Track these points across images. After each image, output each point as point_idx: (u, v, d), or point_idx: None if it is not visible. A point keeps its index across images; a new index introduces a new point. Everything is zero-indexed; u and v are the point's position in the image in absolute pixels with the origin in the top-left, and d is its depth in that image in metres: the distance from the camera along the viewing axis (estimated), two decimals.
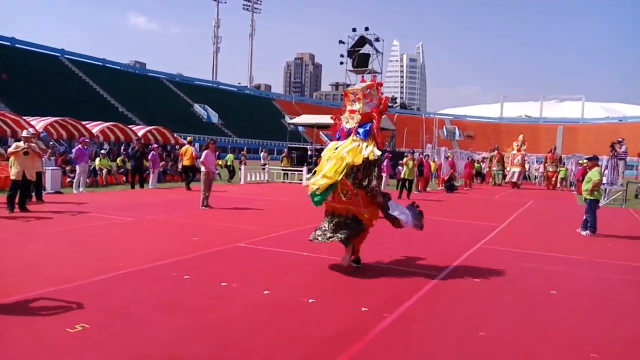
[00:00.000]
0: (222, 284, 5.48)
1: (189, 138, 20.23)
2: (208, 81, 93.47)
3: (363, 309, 4.85)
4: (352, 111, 6.47)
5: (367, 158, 6.15)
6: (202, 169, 12.58)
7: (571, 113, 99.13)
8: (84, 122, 28.02)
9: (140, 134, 28.73)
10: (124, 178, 19.29)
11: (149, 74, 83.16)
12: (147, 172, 18.31)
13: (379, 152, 6.27)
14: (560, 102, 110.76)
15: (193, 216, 10.84)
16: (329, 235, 6.37)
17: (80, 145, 16.00)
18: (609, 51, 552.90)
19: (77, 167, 15.50)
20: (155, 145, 19.60)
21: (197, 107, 76.26)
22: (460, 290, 5.84)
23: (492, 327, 4.54)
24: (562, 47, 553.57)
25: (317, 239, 6.44)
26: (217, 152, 24.74)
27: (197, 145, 29.91)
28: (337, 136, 6.65)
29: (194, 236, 8.29)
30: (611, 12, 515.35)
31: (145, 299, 4.89)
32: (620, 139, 21.56)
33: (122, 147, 27.27)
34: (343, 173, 6.08)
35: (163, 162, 21.17)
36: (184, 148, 18.94)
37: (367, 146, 6.24)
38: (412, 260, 7.24)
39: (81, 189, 15.31)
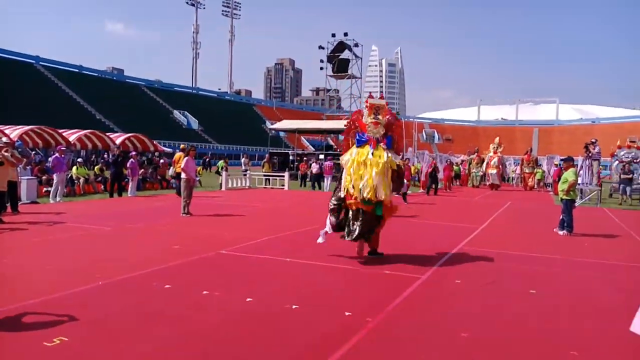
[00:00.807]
0: (204, 292, 5.43)
1: (182, 145, 20.25)
2: (188, 87, 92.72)
3: (347, 313, 4.86)
4: (376, 123, 7.44)
5: (396, 163, 7.40)
6: (183, 175, 12.47)
7: (546, 115, 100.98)
8: (60, 130, 27.52)
9: (118, 141, 28.36)
10: (102, 187, 19.01)
11: (127, 80, 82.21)
12: (126, 180, 18.08)
13: (397, 162, 7.52)
14: (535, 105, 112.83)
15: (174, 224, 10.74)
16: (355, 235, 7.30)
17: (57, 154, 15.72)
18: (581, 54, 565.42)
19: (55, 177, 15.23)
20: (134, 153, 19.37)
21: (177, 114, 75.57)
22: (443, 292, 5.90)
23: (474, 328, 4.59)
24: (535, 50, 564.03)
25: (346, 237, 7.38)
26: (208, 159, 24.72)
27: (177, 152, 29.71)
28: (359, 142, 7.52)
29: (174, 244, 8.21)
30: (584, 16, 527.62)
31: (126, 310, 4.82)
32: (593, 140, 22.05)
33: (100, 155, 26.90)
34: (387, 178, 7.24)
35: (142, 170, 20.93)
36: (177, 155, 18.72)
37: (390, 154, 7.38)
38: (395, 263, 7.28)
39: (58, 199, 15.04)
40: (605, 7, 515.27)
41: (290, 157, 33.60)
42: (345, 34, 51.71)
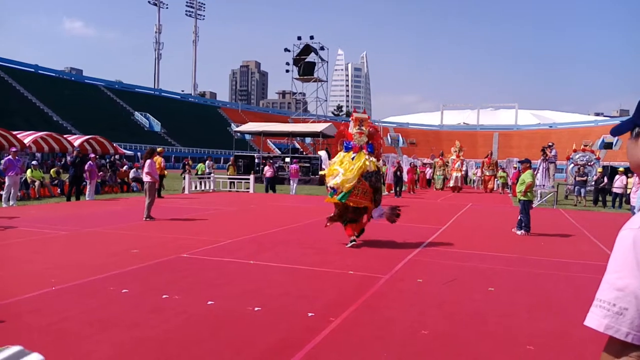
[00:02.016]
0: (163, 296, 5.31)
1: (159, 149, 20.22)
2: (149, 88, 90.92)
3: (309, 314, 4.85)
4: (361, 133, 8.90)
5: (375, 166, 8.73)
6: (147, 178, 12.17)
7: (506, 120, 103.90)
8: (14, 132, 26.54)
9: (76, 143, 27.56)
10: (59, 190, 18.38)
11: (86, 80, 79.96)
12: (84, 183, 17.53)
13: (379, 163, 9.14)
14: (495, 110, 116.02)
15: (134, 228, 10.48)
16: (331, 216, 8.96)
17: (9, 156, 15.11)
18: (539, 62, 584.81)
19: (7, 179, 14.63)
20: (93, 155, 18.82)
21: (138, 116, 73.99)
22: (404, 291, 5.96)
23: (434, 325, 4.66)
24: (495, 58, 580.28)
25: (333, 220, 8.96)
26: (189, 163, 24.45)
27: (139, 154, 29.07)
28: (346, 149, 8.99)
29: (134, 248, 8.01)
30: (541, 27, 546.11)
31: (80, 315, 4.66)
32: (550, 144, 22.82)
33: (57, 158, 26.04)
34: (357, 176, 8.48)
35: (101, 173, 20.37)
36: (156, 158, 18.48)
37: (372, 159, 8.80)
38: (358, 264, 7.32)
39: (11, 203, 14.45)
40: (561, 21, 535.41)
41: (256, 160, 33.40)
42: (312, 37, 51.75)
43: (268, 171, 23.76)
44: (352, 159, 8.69)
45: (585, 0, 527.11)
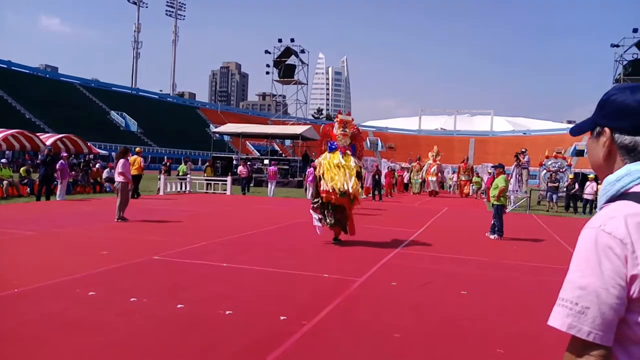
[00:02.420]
0: (132, 299, 5.18)
1: (137, 149, 20.41)
2: (127, 88, 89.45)
3: (282, 317, 4.78)
4: (344, 134, 9.41)
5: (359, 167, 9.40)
6: (120, 178, 11.91)
7: (481, 126, 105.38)
8: None
9: (49, 142, 26.92)
10: (28, 190, 17.88)
11: (62, 78, 78.25)
12: (55, 183, 17.10)
13: (360, 163, 9.57)
14: (472, 117, 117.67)
15: (105, 229, 10.25)
16: (332, 223, 9.29)
17: None
18: (515, 70, 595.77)
19: None
20: (65, 154, 18.39)
21: (115, 115, 72.71)
22: (378, 294, 5.94)
23: (406, 329, 4.64)
24: (472, 65, 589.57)
25: (325, 223, 9.32)
26: (169, 163, 24.25)
27: (113, 154, 28.54)
28: (330, 149, 9.43)
29: (103, 250, 7.81)
30: (515, 31, 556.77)
31: (44, 319, 4.51)
32: (523, 150, 23.19)
33: (28, 157, 25.41)
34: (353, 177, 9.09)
35: (73, 172, 19.91)
36: (132, 158, 18.46)
37: (355, 160, 9.33)
38: (332, 267, 7.28)
39: None
40: (536, 30, 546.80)
41: (234, 162, 33.14)
42: (292, 40, 51.78)
43: (242, 171, 23.49)
44: (343, 160, 9.23)
45: (560, 11, 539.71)
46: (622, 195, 1.18)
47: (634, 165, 1.19)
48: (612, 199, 1.20)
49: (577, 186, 20.88)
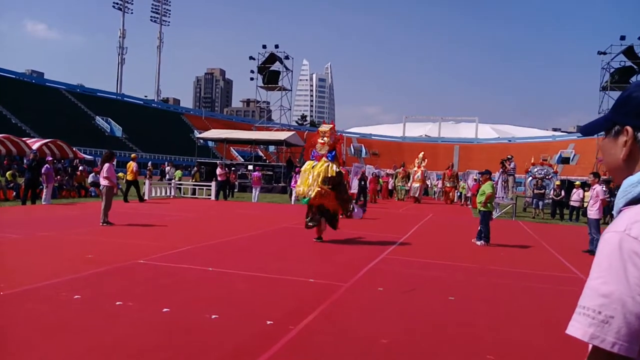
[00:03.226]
0: (117, 302, 5.10)
1: (133, 155, 20.69)
2: (112, 93, 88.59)
3: (268, 322, 4.75)
4: (322, 143, 10.35)
5: (336, 171, 10.20)
6: (105, 182, 11.77)
7: (466, 133, 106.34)
8: None
9: (35, 147, 26.49)
10: (14, 194, 17.59)
11: (47, 84, 77.25)
12: (41, 187, 16.86)
13: (337, 169, 10.28)
14: (456, 124, 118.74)
15: (90, 233, 10.10)
16: (312, 223, 10.30)
17: None
18: (499, 78, 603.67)
19: None
20: (50, 159, 18.15)
21: (100, 120, 71.97)
22: (365, 300, 5.93)
23: (393, 335, 4.64)
24: (457, 72, 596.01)
25: (310, 224, 10.33)
26: (150, 169, 24.30)
27: (98, 159, 28.26)
28: (312, 157, 10.49)
29: (88, 253, 7.70)
30: (498, 40, 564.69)
31: (29, 322, 4.42)
32: (509, 157, 23.44)
33: (14, 161, 24.98)
34: (319, 182, 9.95)
35: (58, 177, 19.64)
36: (128, 163, 19.67)
37: (332, 165, 10.22)
38: (319, 272, 7.26)
39: None
40: (520, 39, 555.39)
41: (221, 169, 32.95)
42: (277, 46, 51.74)
43: (219, 173, 23.06)
44: (313, 167, 10.23)
45: (546, 19, 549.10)
46: None
47: None
48: (633, 201, 1.13)
49: (563, 193, 21.14)
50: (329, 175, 10.04)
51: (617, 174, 1.22)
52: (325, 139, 10.41)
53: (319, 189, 9.90)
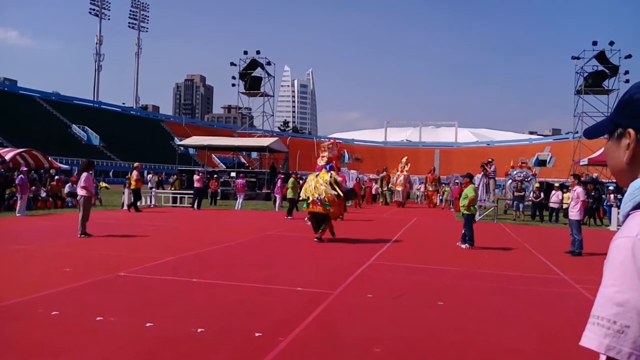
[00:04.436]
0: (98, 318, 4.90)
1: (135, 164, 20.83)
2: (89, 101, 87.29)
3: (257, 334, 4.61)
4: (323, 156, 12.11)
5: (335, 180, 11.69)
6: (82, 192, 11.46)
7: (446, 138, 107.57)
8: None
9: (8, 157, 25.79)
10: None
11: (21, 91, 75.74)
12: (15, 198, 16.39)
13: (337, 177, 11.99)
14: (436, 128, 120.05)
15: (68, 245, 9.81)
16: (310, 223, 12.03)
17: None
18: (477, 81, 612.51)
19: None
20: (25, 169, 17.68)
21: (76, 128, 70.78)
22: (354, 307, 5.83)
23: (386, 342, 4.54)
24: (436, 76, 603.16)
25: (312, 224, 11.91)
26: (161, 178, 24.16)
27: (75, 168, 27.73)
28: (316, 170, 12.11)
29: (66, 267, 7.45)
30: (476, 45, 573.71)
31: (5, 341, 4.21)
32: (490, 160, 23.65)
33: None
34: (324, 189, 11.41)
35: (34, 187, 19.14)
36: (132, 173, 19.99)
37: (332, 174, 11.75)
38: (306, 280, 7.14)
39: None
40: (497, 43, 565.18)
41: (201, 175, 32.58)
42: (258, 52, 51.49)
43: (197, 180, 22.41)
44: (317, 176, 11.77)
45: (521, 25, 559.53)
46: None
47: None
48: None
49: (542, 195, 21.38)
50: (334, 181, 11.64)
51: (621, 177, 1.19)
52: (325, 153, 12.24)
53: (326, 197, 11.32)
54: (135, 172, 19.76)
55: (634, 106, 1.14)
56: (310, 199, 11.47)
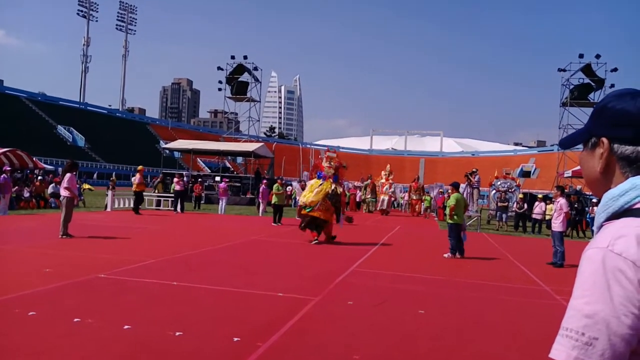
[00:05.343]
0: (75, 319, 4.84)
1: (139, 167, 20.99)
2: (75, 102, 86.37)
3: (235, 339, 4.59)
4: (330, 167, 13.09)
5: (335, 190, 12.92)
6: (65, 193, 11.33)
7: (431, 147, 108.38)
8: None
9: None
10: None
11: (6, 91, 74.62)
12: None
13: (340, 189, 13.43)
14: (422, 137, 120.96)
15: (49, 246, 9.67)
16: (304, 224, 12.74)
17: None
18: (463, 91, 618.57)
19: None
20: (8, 168, 17.43)
21: (61, 129, 69.95)
22: (334, 314, 5.83)
23: (365, 349, 4.55)
24: (421, 86, 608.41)
25: (303, 227, 12.80)
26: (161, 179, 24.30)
27: (59, 169, 27.35)
28: (318, 176, 13.17)
29: (46, 267, 7.35)
30: (461, 57, 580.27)
31: None
32: (474, 170, 23.88)
33: None
34: (322, 196, 12.56)
35: (17, 187, 18.86)
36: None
37: (336, 186, 12.97)
38: (288, 285, 7.12)
39: None
40: (481, 55, 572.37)
41: (185, 179, 32.40)
42: (245, 57, 51.48)
43: (177, 182, 22.15)
44: (320, 185, 12.72)
45: (506, 36, 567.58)
46: (626, 211, 1.06)
47: (639, 179, 1.07)
48: (614, 215, 1.07)
49: (526, 206, 21.62)
50: (333, 192, 12.74)
51: (595, 186, 1.18)
52: (332, 163, 13.28)
53: (324, 202, 12.39)
54: (138, 175, 19.96)
55: (608, 115, 1.13)
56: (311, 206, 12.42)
